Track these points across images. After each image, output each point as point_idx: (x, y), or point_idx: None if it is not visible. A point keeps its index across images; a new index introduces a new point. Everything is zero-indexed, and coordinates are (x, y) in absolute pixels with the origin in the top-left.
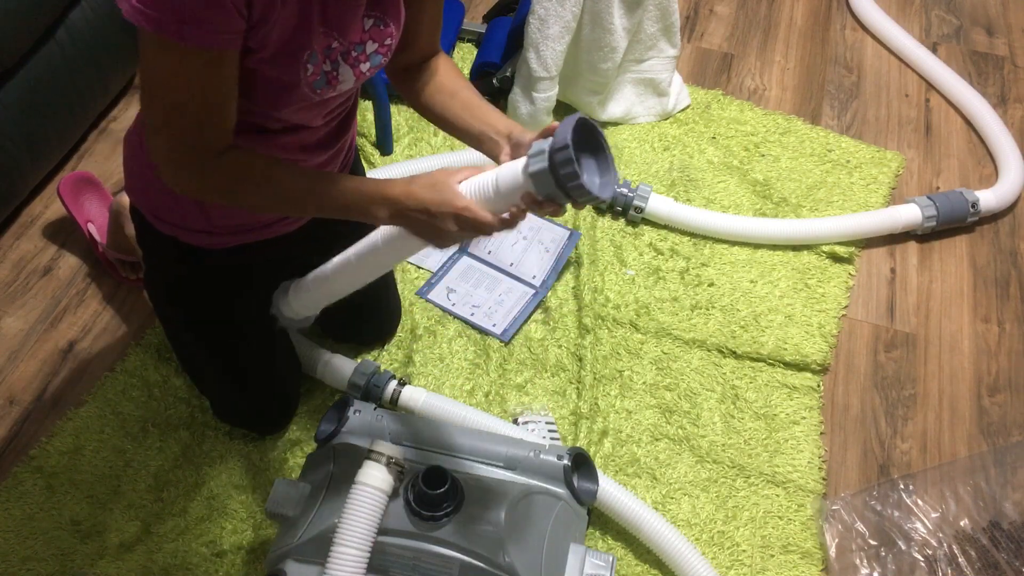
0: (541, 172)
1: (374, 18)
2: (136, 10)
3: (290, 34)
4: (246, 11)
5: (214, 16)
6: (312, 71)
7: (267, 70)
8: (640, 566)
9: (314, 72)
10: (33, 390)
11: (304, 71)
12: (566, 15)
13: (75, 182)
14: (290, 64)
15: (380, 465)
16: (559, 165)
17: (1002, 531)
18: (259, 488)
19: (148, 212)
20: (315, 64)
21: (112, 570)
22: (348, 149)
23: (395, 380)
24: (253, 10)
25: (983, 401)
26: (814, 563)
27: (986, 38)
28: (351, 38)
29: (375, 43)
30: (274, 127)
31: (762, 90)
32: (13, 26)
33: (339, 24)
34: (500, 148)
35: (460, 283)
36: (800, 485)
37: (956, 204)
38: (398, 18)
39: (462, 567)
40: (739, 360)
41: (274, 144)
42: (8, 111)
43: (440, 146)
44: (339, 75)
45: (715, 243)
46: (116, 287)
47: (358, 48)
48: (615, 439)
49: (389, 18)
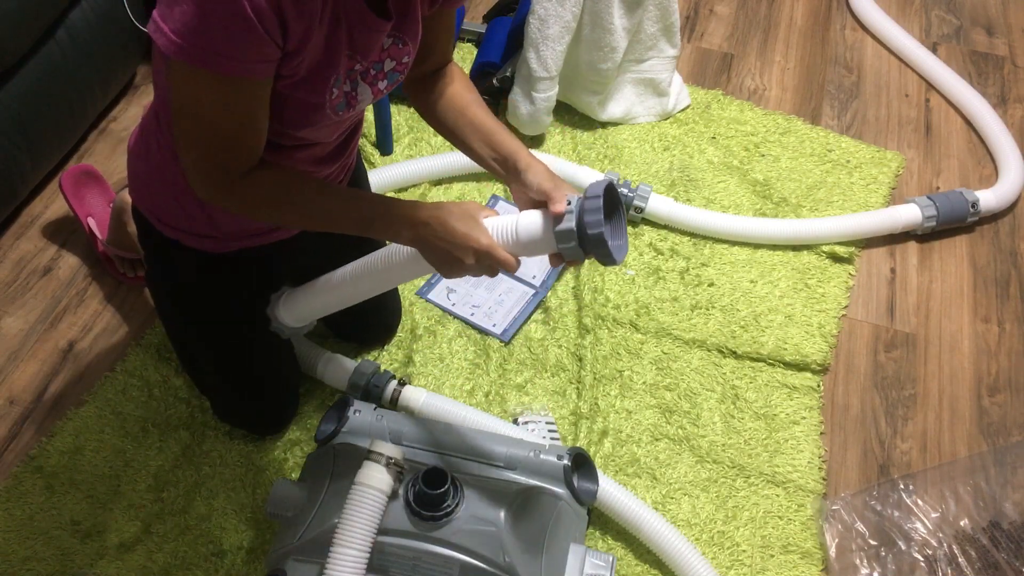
0: (566, 233)
1: (393, 37)
2: (173, 43)
3: (320, 60)
4: (282, 41)
5: (250, 48)
6: (336, 94)
7: (296, 93)
8: (640, 566)
9: (338, 95)
10: (33, 390)
11: (330, 94)
12: (566, 15)
13: (77, 175)
14: (319, 88)
15: (379, 466)
16: (590, 238)
17: (1002, 531)
18: (259, 488)
19: (152, 216)
20: (338, 87)
21: (112, 570)
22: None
23: (395, 380)
24: (289, 41)
25: (983, 401)
26: (814, 563)
27: (986, 38)
28: (371, 58)
29: (393, 61)
30: (288, 143)
31: (762, 90)
32: (13, 26)
33: (363, 48)
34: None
35: (460, 283)
36: (800, 485)
37: (956, 204)
38: (415, 36)
39: (462, 567)
40: (739, 360)
41: (287, 158)
42: (8, 111)
43: (440, 146)
44: (358, 95)
45: (715, 243)
46: (116, 287)
47: (376, 67)
48: (615, 439)
49: (407, 36)
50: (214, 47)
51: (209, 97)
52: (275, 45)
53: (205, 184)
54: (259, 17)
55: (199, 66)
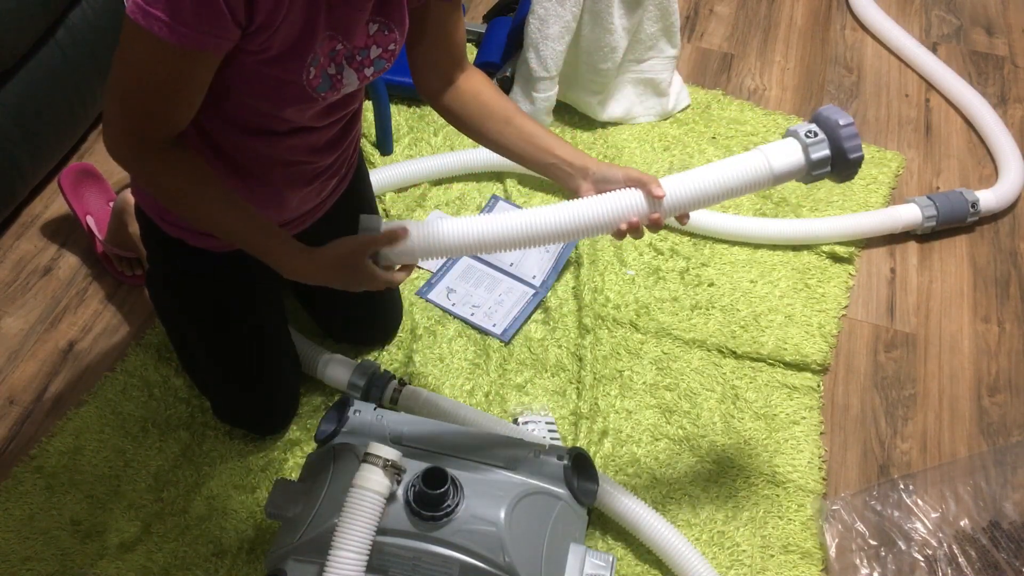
0: (823, 160)
1: (379, 23)
2: (137, 6)
3: (295, 38)
4: (245, 21)
5: (207, 22)
6: (314, 74)
7: (269, 71)
8: (640, 566)
9: (316, 75)
10: (33, 390)
11: (307, 73)
12: (566, 15)
13: (76, 174)
14: (293, 66)
15: (377, 468)
16: (853, 162)
17: (1002, 531)
18: (259, 488)
19: (155, 215)
20: (316, 66)
21: (112, 570)
22: (353, 149)
23: (395, 380)
24: (255, 18)
25: (983, 401)
26: (814, 563)
27: (986, 38)
28: (356, 42)
29: (379, 48)
30: (281, 129)
31: (762, 90)
32: (13, 26)
33: (344, 28)
34: (577, 182)
35: (460, 283)
36: (800, 485)
37: (956, 204)
38: (402, 24)
39: (462, 567)
40: (739, 360)
41: (283, 146)
42: (8, 111)
43: (440, 146)
44: (343, 78)
45: (715, 243)
46: (116, 287)
47: (363, 52)
48: (615, 439)
49: (393, 23)
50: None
51: (151, 59)
52: (235, 24)
53: (117, 143)
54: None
55: (146, 27)
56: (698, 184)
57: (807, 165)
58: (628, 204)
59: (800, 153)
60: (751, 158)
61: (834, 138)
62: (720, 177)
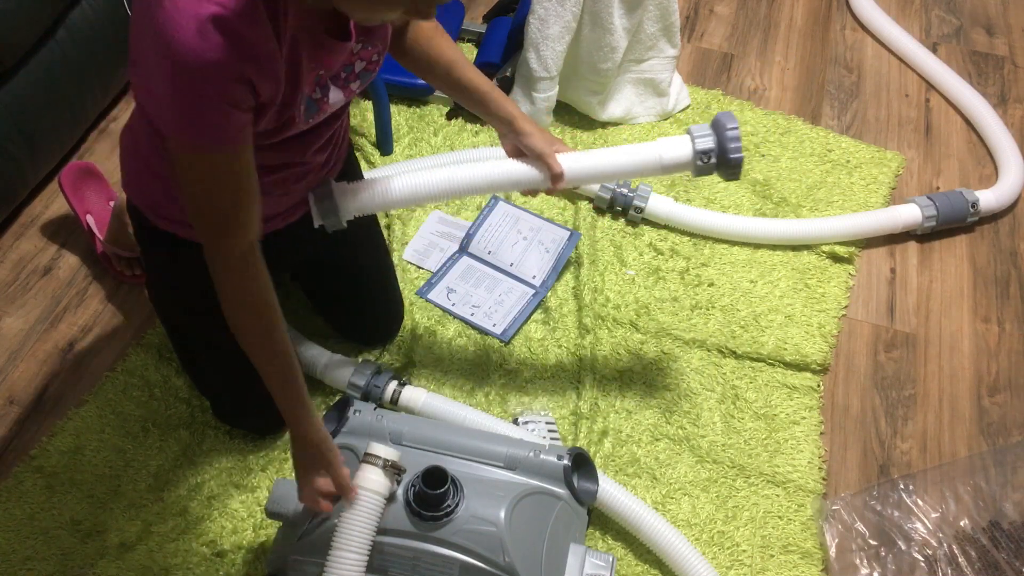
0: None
1: (362, 42)
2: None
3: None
4: (254, 102)
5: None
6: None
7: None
8: (640, 566)
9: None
10: (33, 390)
11: (298, 110)
12: (566, 15)
13: (77, 173)
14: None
15: (377, 468)
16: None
17: (1002, 531)
18: (259, 488)
19: (146, 208)
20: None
21: (112, 570)
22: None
23: (395, 380)
24: (259, 98)
25: (983, 401)
26: (814, 563)
27: (986, 38)
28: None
29: (363, 62)
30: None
31: (762, 90)
32: (13, 26)
33: (328, 64)
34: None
35: (460, 283)
36: (800, 485)
37: (956, 204)
38: (385, 38)
39: (462, 567)
40: (739, 360)
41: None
42: (8, 111)
43: (440, 146)
44: (328, 98)
45: (715, 243)
46: (116, 287)
47: (347, 69)
48: (615, 439)
49: (375, 40)
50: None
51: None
52: (250, 111)
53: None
54: (233, 102)
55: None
56: (592, 163)
57: (693, 155)
58: (529, 176)
59: (689, 145)
60: (646, 145)
61: (721, 139)
62: (615, 159)
